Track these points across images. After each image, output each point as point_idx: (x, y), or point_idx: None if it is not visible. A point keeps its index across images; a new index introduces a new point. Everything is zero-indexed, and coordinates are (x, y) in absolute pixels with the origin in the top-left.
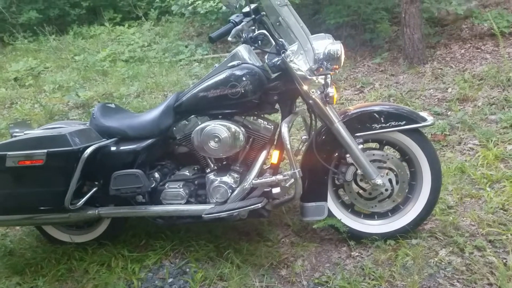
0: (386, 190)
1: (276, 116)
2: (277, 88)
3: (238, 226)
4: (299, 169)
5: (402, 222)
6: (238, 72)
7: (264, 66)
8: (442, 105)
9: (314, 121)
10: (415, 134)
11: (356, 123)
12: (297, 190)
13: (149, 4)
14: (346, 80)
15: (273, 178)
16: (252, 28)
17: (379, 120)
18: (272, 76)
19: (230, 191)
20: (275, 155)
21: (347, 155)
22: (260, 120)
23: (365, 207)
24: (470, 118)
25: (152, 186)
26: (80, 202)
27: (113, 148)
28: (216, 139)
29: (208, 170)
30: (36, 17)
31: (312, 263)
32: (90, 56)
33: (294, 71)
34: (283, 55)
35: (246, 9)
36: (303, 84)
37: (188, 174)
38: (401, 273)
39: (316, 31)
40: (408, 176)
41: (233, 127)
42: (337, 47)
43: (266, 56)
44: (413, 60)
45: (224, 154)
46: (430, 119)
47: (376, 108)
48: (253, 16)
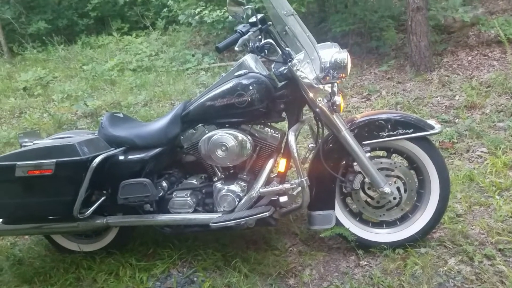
0: (394, 199)
1: (283, 125)
2: (283, 97)
3: (246, 235)
4: (307, 177)
5: (410, 230)
6: (245, 81)
7: (270, 75)
8: (450, 112)
9: (321, 129)
10: (422, 142)
11: (364, 131)
12: (304, 198)
13: (156, 14)
14: (352, 87)
15: (280, 186)
16: (259, 37)
17: (386, 128)
18: (279, 85)
19: (238, 199)
20: (282, 164)
21: (355, 163)
22: (267, 128)
23: (373, 215)
24: (478, 125)
25: (160, 195)
26: (88, 211)
27: (121, 157)
28: (223, 148)
29: (216, 179)
30: (45, 27)
31: (320, 272)
32: (98, 65)
33: (301, 80)
34: (290, 64)
35: (253, 19)
36: (309, 92)
37: (195, 182)
38: (410, 282)
39: (322, 39)
40: (416, 184)
41: (240, 135)
42: (343, 56)
43: (272, 65)
44: (420, 68)
45: (231, 162)
46: (438, 127)
47: (383, 116)
48: (259, 26)
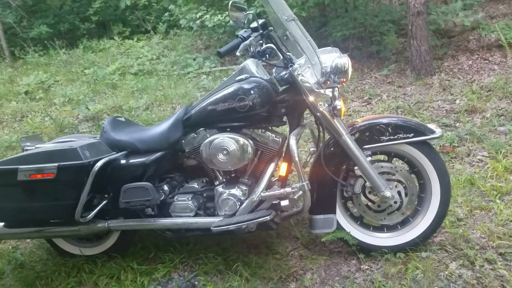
0: (395, 203)
1: (284, 129)
2: (285, 101)
3: (247, 239)
4: (308, 181)
5: (411, 234)
6: (246, 86)
7: (272, 79)
8: (450, 116)
9: (322, 133)
10: (423, 146)
11: (364, 135)
12: (305, 202)
13: (157, 18)
14: (353, 91)
15: (281, 190)
16: (260, 42)
17: (387, 132)
18: (280, 89)
19: (239, 203)
20: (283, 168)
21: (356, 168)
22: (268, 132)
23: (374, 219)
24: (478, 129)
25: (161, 198)
26: (90, 215)
27: (123, 161)
28: (225, 152)
29: (217, 183)
30: (47, 31)
31: (321, 276)
32: (99, 69)
33: (302, 84)
34: (291, 68)
35: (254, 24)
36: (310, 97)
37: (196, 186)
38: (411, 286)
39: (323, 44)
40: (417, 188)
41: (241, 139)
42: (344, 61)
43: (273, 70)
44: (420, 72)
45: (233, 166)
46: (439, 131)
47: (384, 121)
48: (260, 31)
